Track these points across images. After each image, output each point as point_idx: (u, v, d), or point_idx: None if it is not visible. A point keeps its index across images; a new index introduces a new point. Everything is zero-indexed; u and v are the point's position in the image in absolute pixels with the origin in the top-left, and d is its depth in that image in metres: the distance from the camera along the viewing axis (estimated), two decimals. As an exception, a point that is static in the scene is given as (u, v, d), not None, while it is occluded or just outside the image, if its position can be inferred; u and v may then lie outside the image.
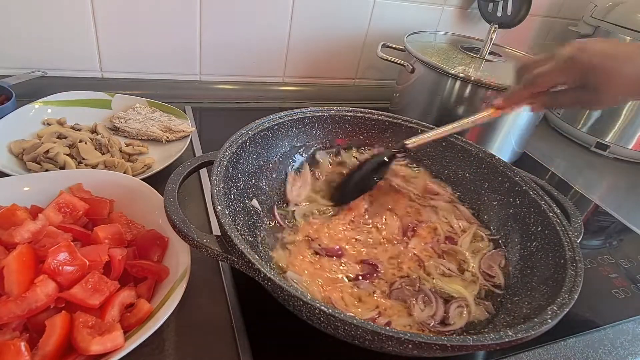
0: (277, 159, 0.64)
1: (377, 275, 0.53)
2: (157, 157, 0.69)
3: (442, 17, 1.08)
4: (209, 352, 0.44)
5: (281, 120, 0.63)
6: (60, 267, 0.40)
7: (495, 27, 0.89)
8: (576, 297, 0.42)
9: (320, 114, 0.67)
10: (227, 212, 0.43)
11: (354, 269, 0.54)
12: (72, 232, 0.46)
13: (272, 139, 0.63)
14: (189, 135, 0.75)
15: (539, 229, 0.56)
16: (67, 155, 0.62)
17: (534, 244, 0.56)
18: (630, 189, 0.97)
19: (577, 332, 0.55)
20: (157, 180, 0.59)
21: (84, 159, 0.63)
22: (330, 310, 0.36)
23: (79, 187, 0.53)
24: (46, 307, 0.39)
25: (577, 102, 0.52)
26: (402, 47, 0.91)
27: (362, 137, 0.72)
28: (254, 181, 0.60)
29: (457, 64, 0.85)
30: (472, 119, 0.59)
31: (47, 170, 0.60)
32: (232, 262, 0.41)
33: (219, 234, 0.43)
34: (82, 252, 0.43)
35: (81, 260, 0.42)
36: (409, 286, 0.52)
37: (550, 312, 0.40)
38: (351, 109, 0.70)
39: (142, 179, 0.56)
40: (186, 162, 0.52)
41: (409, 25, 1.04)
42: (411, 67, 0.87)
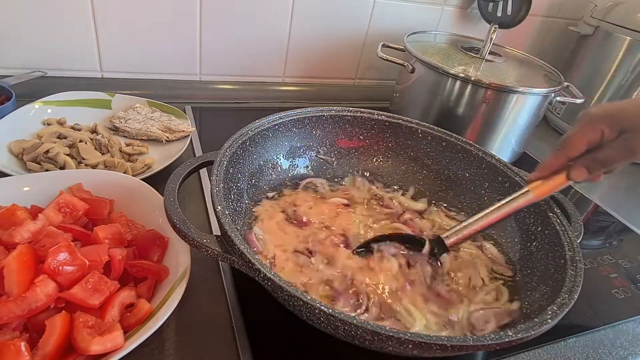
0: (277, 159, 0.65)
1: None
2: (157, 157, 0.69)
3: (442, 17, 1.08)
4: (209, 352, 0.44)
5: (281, 120, 0.63)
6: (60, 267, 0.40)
7: (495, 27, 0.89)
8: (576, 297, 0.42)
9: (320, 114, 0.67)
10: (227, 212, 0.43)
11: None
12: (72, 232, 0.46)
13: (272, 139, 0.63)
14: (189, 135, 0.75)
15: (539, 229, 0.56)
16: (67, 155, 0.62)
17: (534, 244, 0.56)
18: (630, 189, 0.97)
19: (577, 332, 0.55)
20: (157, 180, 0.59)
21: (84, 159, 0.63)
22: (330, 310, 0.36)
23: (79, 187, 0.53)
24: (46, 307, 0.39)
25: (622, 151, 0.47)
26: (402, 47, 0.91)
27: (362, 137, 0.72)
28: (254, 181, 0.60)
29: (457, 64, 0.85)
30: (512, 206, 0.53)
31: (47, 170, 0.60)
32: (232, 262, 0.41)
33: (219, 234, 0.43)
34: (82, 252, 0.43)
35: (81, 260, 0.42)
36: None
37: (550, 312, 0.40)
38: (351, 109, 0.70)
39: (142, 179, 0.56)
40: (186, 162, 0.52)
41: (409, 25, 1.04)
42: (411, 67, 0.87)
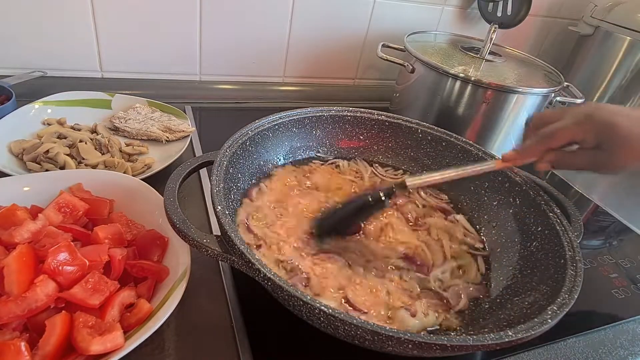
0: (277, 159, 0.65)
1: None
2: (157, 157, 0.69)
3: (442, 17, 1.08)
4: (209, 352, 0.44)
5: (281, 120, 0.63)
6: (60, 267, 0.40)
7: (495, 27, 0.89)
8: (576, 297, 0.42)
9: (320, 114, 0.67)
10: (227, 212, 0.43)
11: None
12: (72, 232, 0.46)
13: (272, 139, 0.63)
14: (189, 135, 0.75)
15: (539, 229, 0.56)
16: (67, 155, 0.62)
17: (534, 244, 0.56)
18: (630, 189, 0.97)
19: (577, 332, 0.55)
20: (157, 180, 0.59)
21: (84, 159, 0.63)
22: (330, 310, 0.36)
23: (79, 187, 0.53)
24: (46, 307, 0.39)
25: (589, 164, 0.49)
26: (402, 47, 0.91)
27: (362, 137, 0.72)
28: (254, 181, 0.60)
29: (457, 64, 0.85)
30: (475, 169, 0.55)
31: (47, 170, 0.60)
32: (232, 262, 0.41)
33: (219, 234, 0.43)
34: (82, 252, 0.43)
35: (81, 260, 0.42)
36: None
37: (550, 312, 0.40)
38: (351, 109, 0.70)
39: (142, 179, 0.56)
40: (186, 162, 0.52)
41: (409, 25, 1.04)
42: (411, 67, 0.87)
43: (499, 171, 0.64)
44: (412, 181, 0.54)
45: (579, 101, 0.88)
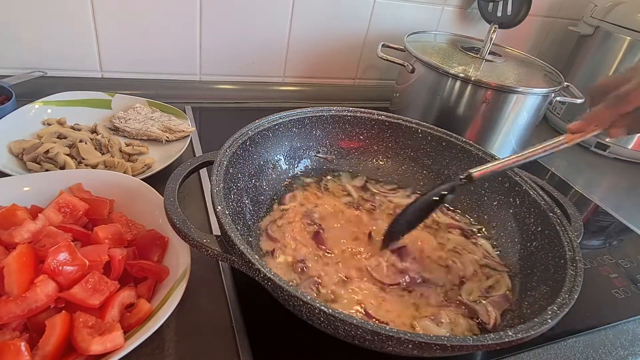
0: (277, 159, 0.65)
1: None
2: (157, 157, 0.69)
3: (442, 17, 1.08)
4: (209, 352, 0.44)
5: (281, 120, 0.63)
6: (60, 267, 0.40)
7: (495, 27, 0.89)
8: (576, 297, 0.42)
9: (320, 114, 0.67)
10: (227, 212, 0.43)
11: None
12: (72, 232, 0.46)
13: (272, 139, 0.63)
14: (189, 135, 0.75)
15: (539, 229, 0.56)
16: (67, 155, 0.62)
17: (534, 244, 0.56)
18: (630, 189, 0.97)
19: (577, 332, 0.55)
20: (157, 180, 0.59)
21: (84, 159, 0.63)
22: (330, 310, 0.36)
23: (79, 187, 0.53)
24: (46, 307, 0.39)
25: None
26: (402, 47, 0.91)
27: (362, 137, 0.72)
28: (254, 181, 0.60)
29: (457, 64, 0.85)
30: (542, 147, 0.52)
31: (47, 170, 0.60)
32: (232, 262, 0.41)
33: (219, 234, 0.43)
34: (82, 252, 0.43)
35: (81, 260, 0.42)
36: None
37: (550, 312, 0.40)
38: (351, 109, 0.70)
39: (142, 179, 0.56)
40: (186, 162, 0.52)
41: (409, 25, 1.04)
42: (411, 67, 0.87)
43: (499, 171, 0.64)
44: (477, 170, 0.53)
45: (579, 101, 0.88)
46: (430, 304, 0.51)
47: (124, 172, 0.61)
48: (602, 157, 1.06)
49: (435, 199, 0.54)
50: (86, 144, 0.64)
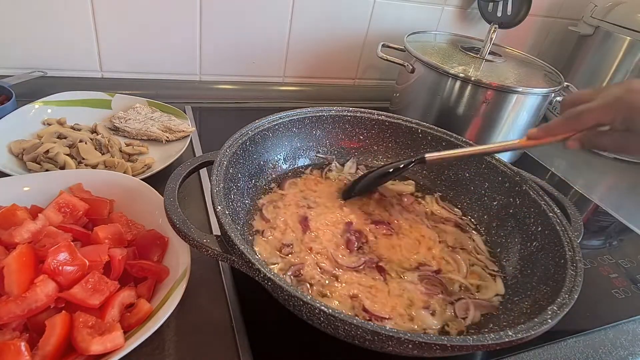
0: (277, 159, 0.65)
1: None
2: (157, 157, 0.69)
3: (442, 17, 1.08)
4: (209, 352, 0.44)
5: (281, 120, 0.63)
6: (60, 267, 0.40)
7: (495, 27, 0.89)
8: (576, 297, 0.42)
9: (320, 114, 0.67)
10: (227, 212, 0.43)
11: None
12: (72, 232, 0.46)
13: (272, 139, 0.63)
14: (189, 135, 0.75)
15: (539, 229, 0.56)
16: (67, 155, 0.62)
17: (534, 244, 0.56)
18: (630, 189, 0.97)
19: (577, 332, 0.55)
20: (157, 180, 0.59)
21: (84, 159, 0.63)
22: (330, 310, 0.36)
23: (79, 187, 0.53)
24: (46, 307, 0.39)
25: (618, 146, 0.49)
26: (402, 47, 0.91)
27: (362, 137, 0.72)
28: (254, 181, 0.60)
29: (457, 64, 0.85)
30: (498, 145, 0.56)
31: (47, 170, 0.60)
32: (232, 262, 0.41)
33: (219, 234, 0.43)
34: (82, 252, 0.43)
35: (81, 260, 0.42)
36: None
37: (550, 312, 0.40)
38: (351, 109, 0.70)
39: (142, 179, 0.56)
40: (186, 162, 0.52)
41: (409, 25, 1.04)
42: (411, 67, 0.87)
43: (500, 171, 0.64)
44: (431, 155, 0.59)
45: (579, 101, 0.88)
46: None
47: (124, 172, 0.61)
48: (602, 157, 1.06)
49: (389, 170, 0.63)
50: (86, 144, 0.64)
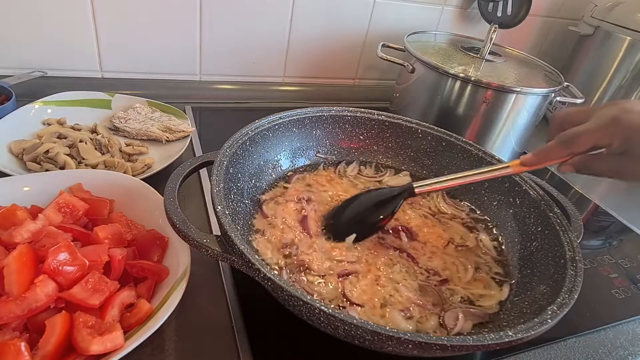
0: (277, 159, 0.65)
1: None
2: (157, 157, 0.69)
3: (442, 17, 1.08)
4: (209, 352, 0.44)
5: (281, 120, 0.63)
6: (60, 267, 0.40)
7: (495, 27, 0.89)
8: (576, 297, 0.42)
9: (320, 114, 0.67)
10: (227, 212, 0.43)
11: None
12: (72, 232, 0.46)
13: (272, 139, 0.63)
14: (189, 135, 0.75)
15: (539, 229, 0.56)
16: (67, 155, 0.62)
17: (534, 244, 0.56)
18: (630, 189, 0.97)
19: (577, 332, 0.55)
20: (157, 180, 0.59)
21: (84, 159, 0.63)
22: (330, 310, 0.36)
23: (79, 187, 0.53)
24: (46, 307, 0.39)
25: (614, 171, 0.46)
26: (402, 47, 0.91)
27: (362, 137, 0.72)
28: (254, 181, 0.60)
29: (457, 64, 0.85)
30: (490, 171, 0.53)
31: (47, 170, 0.60)
32: (232, 262, 0.41)
33: (219, 234, 0.43)
34: (82, 252, 0.43)
35: (81, 260, 0.42)
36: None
37: (550, 312, 0.40)
38: (351, 109, 0.70)
39: (142, 179, 0.56)
40: (186, 162, 0.52)
41: (409, 25, 1.04)
42: (411, 67, 0.87)
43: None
44: (419, 186, 0.55)
45: (579, 101, 0.88)
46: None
47: (124, 172, 0.61)
48: (602, 157, 1.06)
49: (380, 199, 0.57)
50: (86, 144, 0.64)
